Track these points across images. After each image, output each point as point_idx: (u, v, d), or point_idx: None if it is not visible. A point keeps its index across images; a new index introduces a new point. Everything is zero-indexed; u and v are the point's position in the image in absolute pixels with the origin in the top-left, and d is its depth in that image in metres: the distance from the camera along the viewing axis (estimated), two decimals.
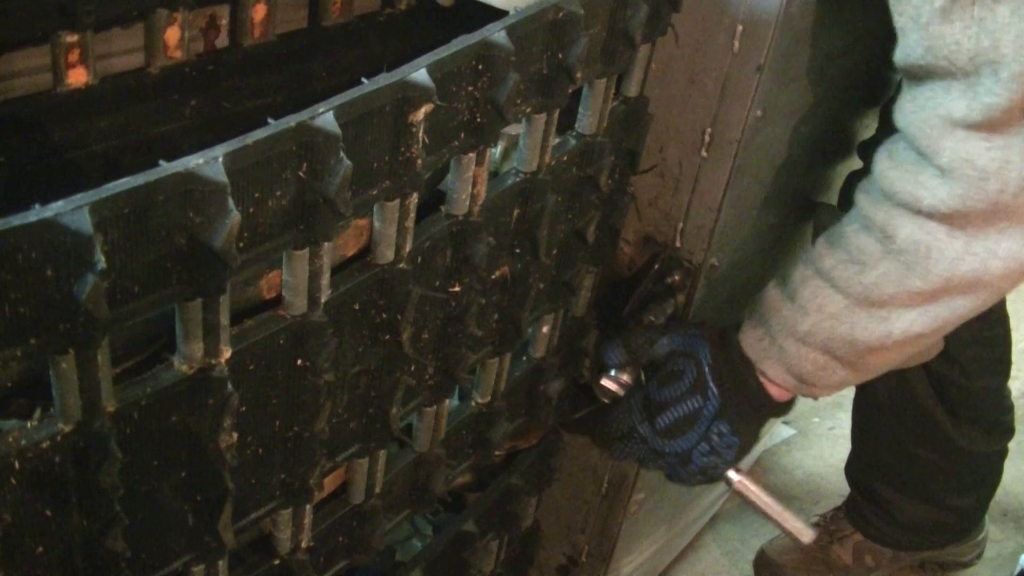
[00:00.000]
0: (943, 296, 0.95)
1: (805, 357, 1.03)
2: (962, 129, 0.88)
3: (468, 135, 0.78)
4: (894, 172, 0.94)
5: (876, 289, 0.97)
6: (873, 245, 0.96)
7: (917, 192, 0.92)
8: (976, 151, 0.88)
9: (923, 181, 0.91)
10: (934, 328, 0.98)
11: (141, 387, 0.63)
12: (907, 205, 0.93)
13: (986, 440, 1.63)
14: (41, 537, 0.61)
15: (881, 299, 0.97)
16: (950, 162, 0.89)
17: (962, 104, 0.87)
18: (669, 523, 1.61)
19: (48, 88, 1.09)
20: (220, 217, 0.59)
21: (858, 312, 0.99)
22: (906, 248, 0.94)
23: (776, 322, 1.04)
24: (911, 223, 0.93)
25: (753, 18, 1.02)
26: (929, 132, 0.90)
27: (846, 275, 0.98)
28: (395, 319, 0.80)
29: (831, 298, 1.00)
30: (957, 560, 1.83)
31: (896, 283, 0.96)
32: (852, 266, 0.98)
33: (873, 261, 0.96)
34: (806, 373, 1.04)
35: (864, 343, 1.00)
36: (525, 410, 1.15)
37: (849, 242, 0.99)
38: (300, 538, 0.84)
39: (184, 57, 1.18)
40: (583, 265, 1.09)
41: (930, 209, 0.91)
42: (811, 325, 1.01)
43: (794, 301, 1.03)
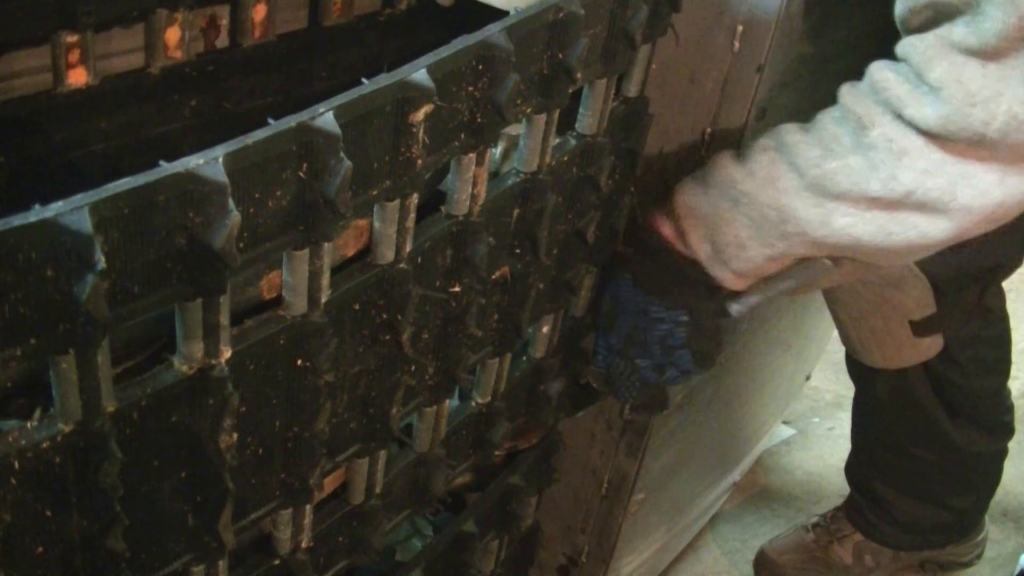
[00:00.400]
0: (898, 209, 0.90)
1: (730, 224, 0.99)
2: (959, 52, 0.85)
3: (468, 135, 0.78)
4: (887, 71, 0.90)
5: (832, 179, 0.92)
6: (846, 136, 0.92)
7: (904, 96, 0.88)
8: (969, 74, 0.84)
9: (910, 90, 0.88)
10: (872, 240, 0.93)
11: (141, 387, 0.63)
12: (890, 104, 0.89)
13: (986, 440, 1.63)
14: (41, 537, 0.61)
15: (835, 191, 0.92)
16: (939, 79, 0.85)
17: (962, 28, 0.84)
18: (669, 523, 1.61)
19: (48, 88, 1.09)
20: (220, 217, 0.59)
21: (805, 195, 0.94)
22: (878, 144, 0.89)
23: (716, 178, 1.00)
24: (890, 124, 0.89)
25: (753, 18, 1.02)
26: (924, 50, 0.87)
27: (807, 155, 0.94)
28: (395, 319, 0.80)
29: (783, 172, 0.95)
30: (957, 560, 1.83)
31: (855, 178, 0.91)
32: (817, 149, 0.93)
33: (840, 150, 0.92)
34: (724, 243, 1.00)
35: (796, 225, 0.95)
36: (525, 410, 1.15)
37: (822, 127, 0.94)
38: (300, 538, 0.84)
39: (184, 57, 1.18)
40: (583, 265, 1.09)
41: (910, 119, 0.87)
42: (752, 188, 0.96)
43: (744, 164, 0.98)
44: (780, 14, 1.01)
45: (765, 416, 1.85)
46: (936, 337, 1.49)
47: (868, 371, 1.57)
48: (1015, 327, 1.60)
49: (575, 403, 1.25)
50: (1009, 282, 1.52)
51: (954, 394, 1.57)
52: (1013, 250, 1.44)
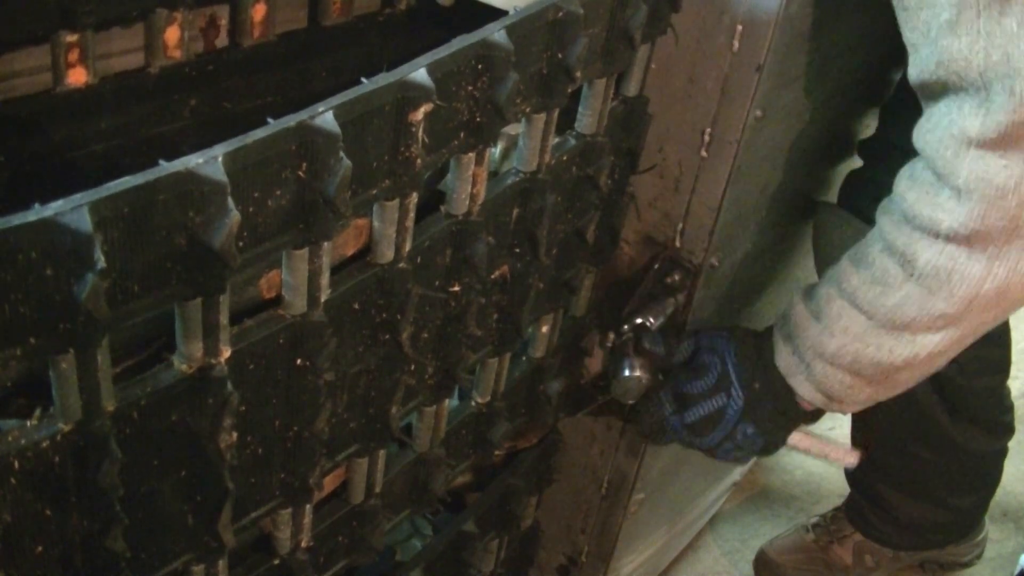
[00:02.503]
0: (967, 316, 0.95)
1: (833, 377, 1.03)
2: (977, 148, 0.87)
3: (468, 135, 0.78)
4: (912, 194, 0.94)
5: (899, 311, 0.96)
6: (895, 268, 0.96)
7: (936, 215, 0.91)
8: (993, 169, 0.87)
9: (941, 203, 0.91)
10: (960, 345, 0.99)
11: (141, 387, 0.63)
12: (926, 229, 0.92)
13: (986, 439, 1.63)
14: (41, 537, 0.61)
15: (904, 321, 0.97)
16: (967, 182, 0.88)
17: (976, 122, 0.86)
18: (669, 523, 1.61)
19: (48, 88, 1.09)
20: (220, 217, 0.59)
21: (882, 334, 0.98)
22: (927, 273, 0.93)
23: (803, 341, 1.05)
24: (931, 248, 0.92)
25: (753, 18, 1.02)
26: (944, 153, 0.90)
27: (869, 296, 0.98)
28: (395, 319, 0.80)
29: (855, 319, 1.00)
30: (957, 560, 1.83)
31: (919, 306, 0.95)
32: (875, 287, 0.98)
33: (896, 284, 0.96)
34: (834, 392, 1.05)
35: (890, 364, 1.00)
36: (525, 410, 1.15)
37: (873, 263, 0.98)
38: (300, 538, 0.84)
39: (184, 57, 1.18)
40: (583, 265, 1.09)
41: (949, 232, 0.90)
42: (837, 347, 1.01)
43: (820, 321, 1.03)
44: (780, 14, 1.01)
45: None
46: None
47: None
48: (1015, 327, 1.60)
49: (575, 403, 1.25)
50: None
51: (954, 393, 1.56)
52: None
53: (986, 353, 1.56)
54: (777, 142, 1.16)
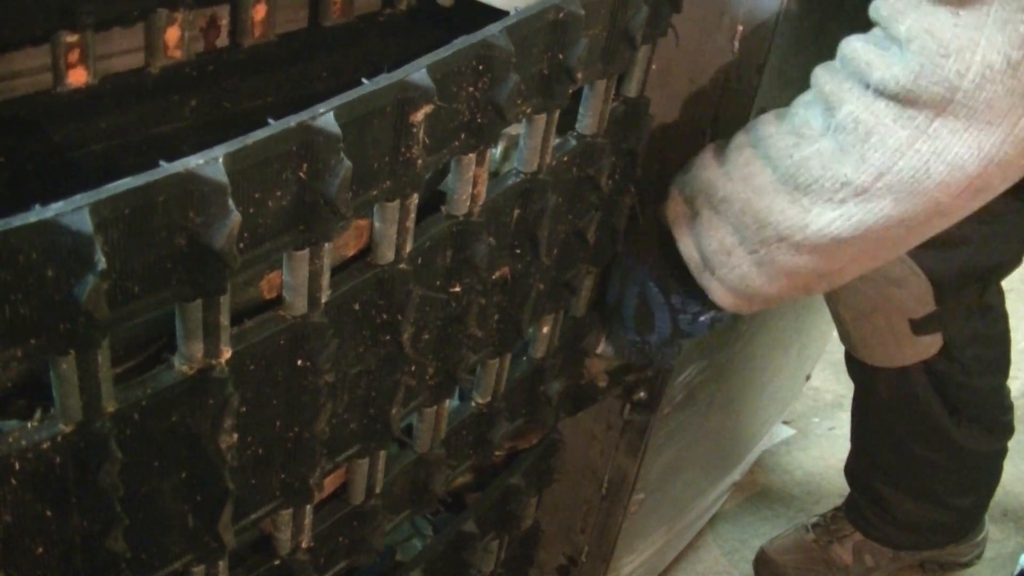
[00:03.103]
0: (871, 195, 0.86)
1: (715, 231, 0.95)
2: (929, 2, 0.80)
3: (468, 135, 0.78)
4: (857, 42, 0.87)
5: (804, 167, 0.88)
6: (816, 118, 0.88)
7: (872, 61, 0.83)
8: (941, 23, 0.79)
9: (879, 51, 0.83)
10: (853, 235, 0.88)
11: (141, 388, 0.63)
12: (858, 75, 0.85)
13: (986, 439, 1.63)
14: (41, 537, 0.61)
15: (807, 181, 0.88)
16: (909, 30, 0.81)
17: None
18: (669, 523, 1.61)
19: (48, 88, 1.09)
20: (220, 217, 0.59)
21: (780, 191, 0.90)
22: (845, 125, 0.85)
23: (698, 184, 0.97)
24: (857, 99, 0.85)
25: (753, 18, 1.02)
26: (893, 3, 0.83)
27: (780, 145, 0.90)
28: (395, 319, 0.80)
29: (758, 169, 0.92)
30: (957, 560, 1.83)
31: (825, 164, 0.87)
32: (790, 137, 0.90)
33: (812, 136, 0.88)
34: (711, 251, 0.97)
35: (775, 229, 0.91)
36: (525, 410, 1.15)
37: (795, 113, 0.91)
38: (300, 538, 0.84)
39: (184, 57, 1.18)
40: (583, 265, 1.09)
41: (879, 83, 0.83)
42: (730, 191, 0.93)
43: (722, 164, 0.95)
44: (780, 14, 1.01)
45: (765, 416, 1.85)
46: (936, 336, 1.49)
47: (868, 370, 1.57)
48: (1015, 327, 1.60)
49: (575, 403, 1.25)
50: (1009, 282, 1.52)
51: (954, 393, 1.57)
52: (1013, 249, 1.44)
53: (986, 352, 1.57)
54: None
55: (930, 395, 1.56)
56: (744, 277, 0.95)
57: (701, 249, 0.97)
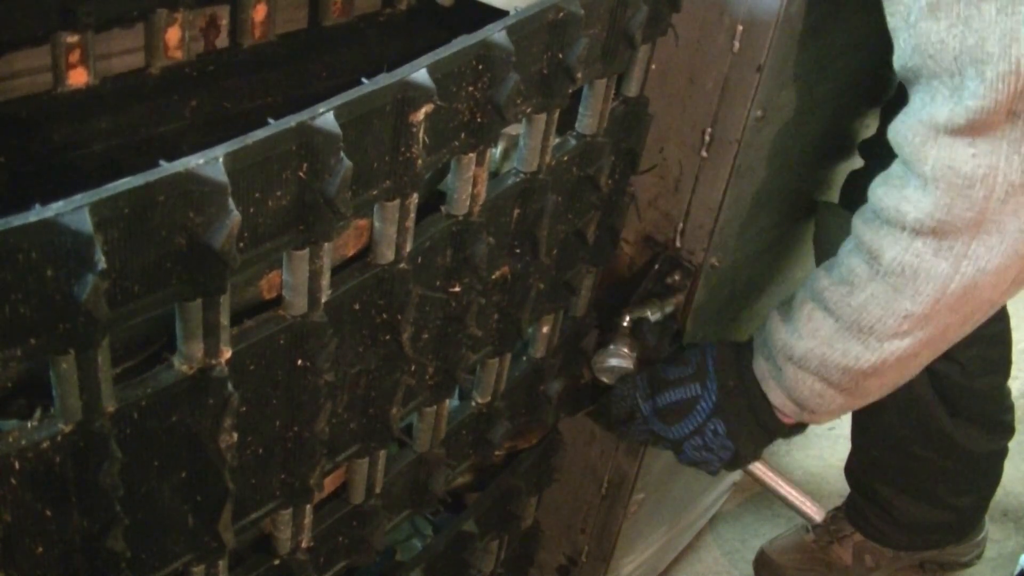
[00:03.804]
0: (934, 317, 0.93)
1: (802, 382, 1.02)
2: (946, 135, 0.85)
3: (468, 135, 0.78)
4: (882, 188, 0.92)
5: (865, 311, 0.95)
6: (862, 266, 0.94)
7: (902, 207, 0.89)
8: (961, 158, 0.85)
9: (907, 195, 0.89)
10: (927, 350, 0.97)
11: (141, 387, 0.63)
12: (892, 222, 0.91)
13: (986, 439, 1.63)
14: (41, 537, 0.61)
15: (870, 323, 0.95)
16: (933, 170, 0.86)
17: (945, 109, 0.85)
18: (669, 523, 1.61)
19: (49, 88, 1.09)
20: (220, 217, 0.59)
21: (848, 338, 0.97)
22: (892, 270, 0.92)
23: (774, 344, 1.04)
24: (897, 244, 0.91)
25: (753, 18, 1.02)
26: (912, 139, 0.88)
27: (836, 296, 0.97)
28: (395, 319, 0.80)
29: (823, 321, 0.98)
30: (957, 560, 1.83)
31: (884, 306, 0.94)
32: (842, 287, 0.96)
33: (862, 283, 0.94)
34: (804, 398, 1.03)
35: (858, 370, 0.98)
36: (525, 410, 1.15)
37: (841, 263, 0.97)
38: (300, 538, 0.84)
39: (184, 57, 1.18)
40: (583, 265, 1.09)
41: (915, 224, 0.89)
42: (805, 350, 1.00)
43: (789, 323, 1.02)
44: (780, 14, 1.01)
45: None
46: None
47: None
48: (1015, 327, 1.60)
49: (575, 403, 1.25)
50: None
51: (954, 393, 1.56)
52: None
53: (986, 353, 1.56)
54: (777, 142, 1.16)
55: (930, 395, 1.56)
56: (842, 407, 1.04)
57: (794, 399, 1.04)
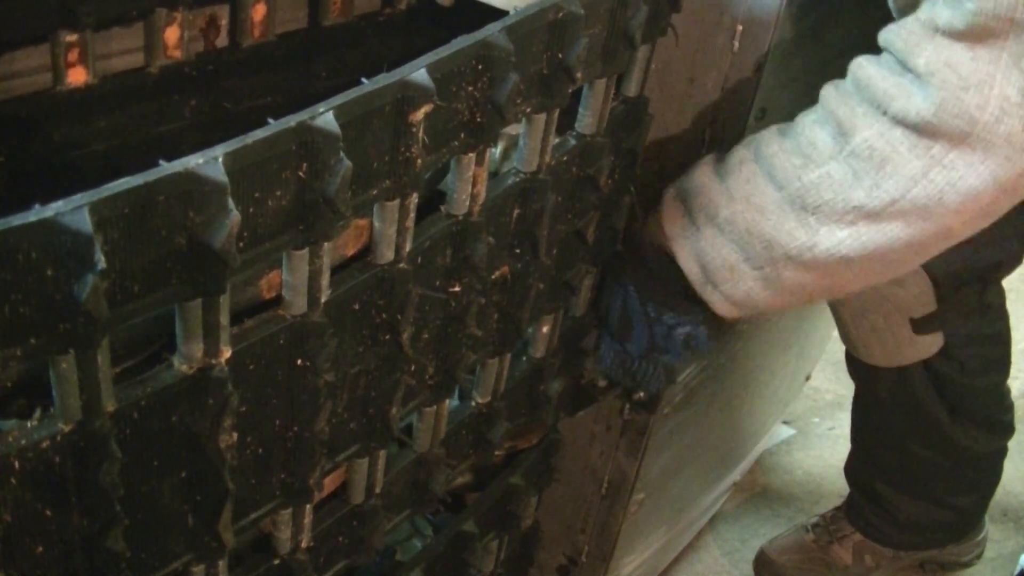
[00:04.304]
0: (882, 219, 0.86)
1: (718, 248, 0.95)
2: (944, 36, 0.80)
3: (468, 135, 0.78)
4: (872, 68, 0.86)
5: (814, 190, 0.88)
6: (825, 141, 0.88)
7: (891, 91, 0.84)
8: (959, 57, 0.80)
9: (900, 82, 0.83)
10: (861, 256, 0.89)
11: (141, 387, 0.63)
12: (875, 103, 0.85)
13: (986, 439, 1.63)
14: (41, 537, 0.61)
15: (816, 203, 0.88)
16: (928, 64, 0.81)
17: (946, 11, 0.80)
18: (669, 523, 1.61)
19: (48, 87, 1.09)
20: (220, 217, 0.59)
21: (787, 211, 0.90)
22: (859, 152, 0.85)
23: (699, 201, 0.97)
24: (873, 125, 0.85)
25: (753, 18, 1.02)
26: (908, 36, 0.83)
27: (786, 166, 0.90)
28: (395, 319, 0.80)
29: (763, 188, 0.91)
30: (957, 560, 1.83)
31: (836, 188, 0.87)
32: (796, 158, 0.90)
33: (821, 158, 0.88)
34: (714, 267, 0.96)
35: (782, 249, 0.91)
36: (525, 410, 1.15)
37: (801, 132, 0.90)
38: (300, 538, 0.84)
39: (184, 57, 1.18)
40: (583, 265, 1.09)
41: (898, 113, 0.83)
42: (733, 212, 0.93)
43: (723, 181, 0.95)
44: (780, 14, 1.01)
45: (765, 416, 1.85)
46: (936, 335, 1.49)
47: (868, 369, 1.57)
48: (1015, 327, 1.60)
49: (575, 403, 1.25)
50: (1009, 282, 1.52)
51: (954, 392, 1.57)
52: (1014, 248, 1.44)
53: (986, 352, 1.57)
54: None
55: (930, 395, 1.56)
56: (749, 291, 0.96)
57: (703, 264, 0.98)
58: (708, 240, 0.96)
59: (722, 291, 0.98)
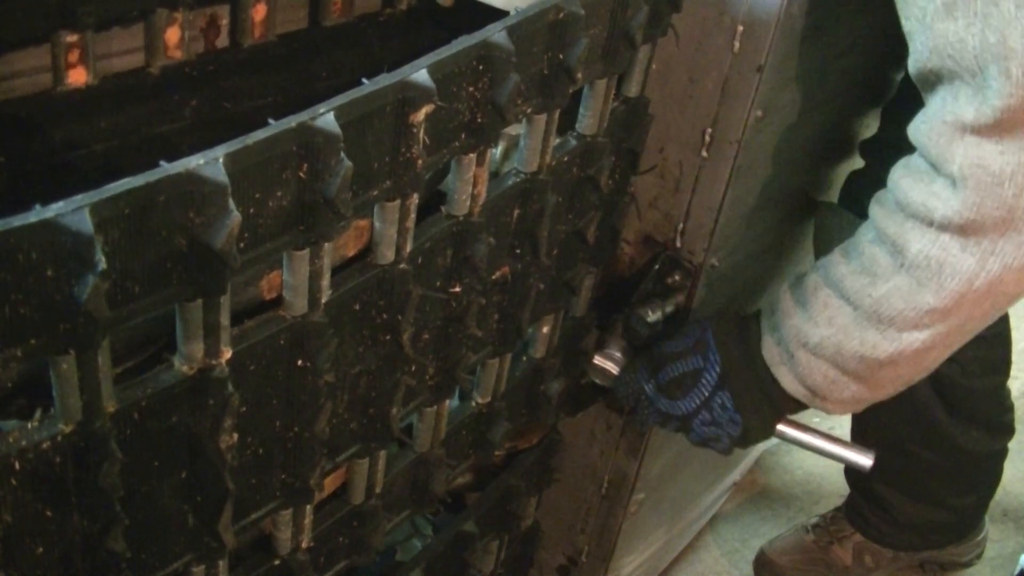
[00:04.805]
0: (955, 312, 0.92)
1: (816, 369, 1.01)
2: (972, 135, 0.84)
3: (469, 135, 0.78)
4: (907, 181, 0.91)
5: (886, 303, 0.94)
6: (885, 258, 0.93)
7: (930, 203, 0.89)
8: (988, 155, 0.84)
9: (936, 191, 0.88)
10: (945, 344, 0.96)
11: (141, 387, 0.63)
12: (919, 217, 0.90)
13: (986, 439, 1.63)
14: (41, 537, 0.61)
15: (890, 315, 0.94)
16: (961, 168, 0.85)
17: (971, 109, 0.84)
18: (669, 523, 1.61)
19: (48, 88, 1.09)
20: (221, 217, 0.59)
21: (867, 327, 0.96)
22: (918, 263, 0.91)
23: (787, 329, 1.02)
24: (923, 237, 0.90)
25: (753, 18, 1.02)
26: (938, 140, 0.87)
27: (856, 286, 0.96)
28: (395, 319, 0.80)
29: (841, 310, 0.97)
30: (957, 560, 1.83)
31: (906, 298, 0.92)
32: (863, 277, 0.95)
33: (885, 274, 0.93)
34: (817, 385, 1.02)
35: (874, 359, 0.97)
36: (525, 410, 1.15)
37: (862, 252, 0.96)
38: (300, 538, 0.84)
39: (184, 57, 1.18)
40: (583, 265, 1.09)
41: (943, 220, 0.88)
42: (820, 337, 0.99)
43: (804, 309, 1.00)
44: (780, 14, 1.01)
45: None
46: None
47: None
48: (1015, 327, 1.60)
49: (575, 403, 1.25)
50: None
51: (954, 393, 1.56)
52: None
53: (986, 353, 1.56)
54: (777, 142, 1.16)
55: (930, 395, 1.56)
56: (855, 395, 1.02)
57: (807, 385, 1.03)
58: (804, 364, 1.02)
59: (831, 400, 1.04)
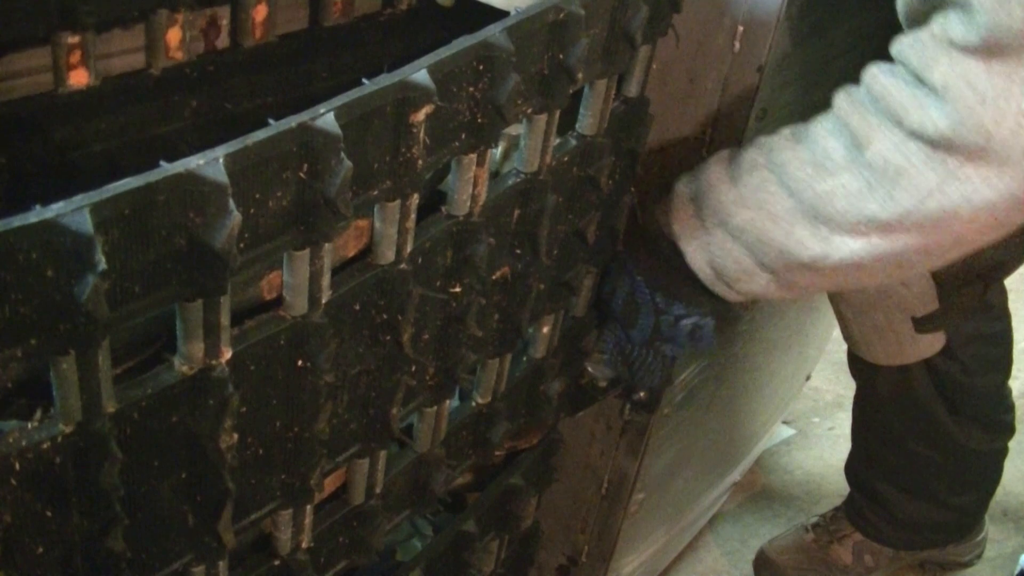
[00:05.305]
0: (895, 230, 0.86)
1: (730, 252, 0.95)
2: (959, 52, 0.80)
3: (469, 136, 0.78)
4: (888, 78, 0.86)
5: (827, 199, 0.88)
6: (839, 151, 0.87)
7: (908, 104, 0.83)
8: (974, 73, 0.79)
9: (917, 95, 0.83)
10: (873, 264, 0.89)
11: (141, 388, 0.63)
12: (890, 115, 0.84)
13: (987, 438, 1.63)
14: (41, 537, 0.61)
15: (828, 213, 0.88)
16: (944, 78, 0.80)
17: (959, 27, 0.79)
18: (669, 523, 1.61)
19: (49, 89, 1.09)
20: (221, 218, 0.59)
21: (799, 220, 0.90)
22: (874, 163, 0.85)
23: (709, 202, 0.96)
24: (888, 138, 0.84)
25: (753, 18, 1.02)
26: (922, 50, 0.82)
27: (800, 175, 0.89)
28: (396, 320, 0.80)
29: (776, 195, 0.91)
30: (957, 560, 1.83)
31: (850, 199, 0.87)
32: (810, 168, 0.89)
33: (835, 168, 0.87)
34: (725, 269, 0.97)
35: (795, 258, 0.91)
36: (525, 410, 1.15)
37: (815, 141, 0.90)
38: (300, 538, 0.84)
39: (185, 58, 1.18)
40: (583, 265, 1.09)
41: (914, 126, 0.83)
42: (745, 219, 0.93)
43: (735, 186, 0.94)
44: (780, 14, 1.01)
45: (765, 416, 1.85)
46: (938, 334, 1.49)
47: (870, 368, 1.57)
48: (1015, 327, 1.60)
49: (575, 403, 1.25)
50: (1010, 282, 1.52)
51: (955, 391, 1.57)
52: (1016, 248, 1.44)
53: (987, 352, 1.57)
54: None
55: (931, 394, 1.56)
56: (763, 290, 0.97)
57: (715, 266, 0.98)
58: (719, 244, 0.96)
59: (736, 289, 0.99)
